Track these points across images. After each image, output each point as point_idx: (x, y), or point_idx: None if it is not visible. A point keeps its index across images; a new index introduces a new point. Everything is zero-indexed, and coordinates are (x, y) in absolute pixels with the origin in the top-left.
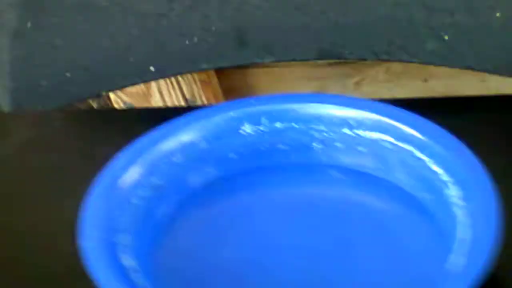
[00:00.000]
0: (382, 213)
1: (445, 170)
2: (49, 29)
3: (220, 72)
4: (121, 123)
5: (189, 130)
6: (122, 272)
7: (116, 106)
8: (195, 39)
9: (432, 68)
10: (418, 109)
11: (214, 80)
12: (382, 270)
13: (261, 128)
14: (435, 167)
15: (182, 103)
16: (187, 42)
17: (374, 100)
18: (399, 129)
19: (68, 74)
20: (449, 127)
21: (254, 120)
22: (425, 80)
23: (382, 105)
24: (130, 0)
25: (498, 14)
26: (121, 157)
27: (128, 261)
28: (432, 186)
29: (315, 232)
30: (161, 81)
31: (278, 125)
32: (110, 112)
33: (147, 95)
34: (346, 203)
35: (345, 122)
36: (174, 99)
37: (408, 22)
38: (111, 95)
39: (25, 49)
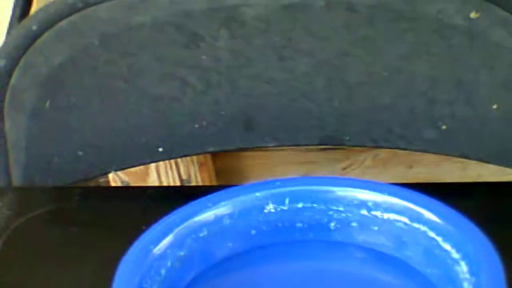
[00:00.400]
0: (389, 286)
1: (456, 249)
2: (66, 108)
3: (214, 154)
4: (139, 200)
5: (217, 208)
6: None
7: (113, 183)
8: (204, 123)
9: (417, 156)
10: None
11: (210, 162)
12: None
13: (284, 207)
14: (446, 246)
15: (178, 183)
16: (196, 125)
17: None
18: (414, 210)
19: (80, 153)
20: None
21: (278, 200)
22: (410, 167)
23: (398, 189)
24: (146, 83)
25: (494, 106)
26: (153, 230)
27: None
28: (443, 263)
29: None
30: (161, 162)
31: (299, 205)
32: (123, 190)
33: (145, 174)
34: (358, 278)
35: (363, 204)
36: (170, 179)
37: (408, 112)
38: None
39: (41, 127)
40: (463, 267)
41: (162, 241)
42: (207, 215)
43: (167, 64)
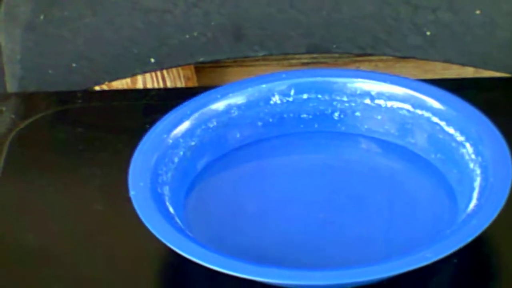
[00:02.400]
0: (394, 173)
1: (460, 131)
2: (59, 21)
3: (199, 69)
4: (141, 101)
5: (226, 99)
6: (170, 218)
7: None
8: (195, 34)
9: None
10: None
11: (195, 77)
12: (392, 222)
13: (289, 99)
14: (450, 130)
15: None
16: (187, 36)
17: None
18: (417, 97)
19: (73, 65)
20: None
21: (284, 91)
22: None
23: (401, 78)
24: None
25: (478, 11)
26: (165, 120)
27: (171, 209)
28: (447, 147)
29: (331, 190)
30: (147, 76)
31: (304, 96)
32: (126, 92)
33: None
34: (363, 167)
35: (367, 93)
36: None
37: (393, 19)
38: (97, 88)
39: (36, 40)
40: (468, 148)
41: (174, 130)
42: (216, 106)
43: None
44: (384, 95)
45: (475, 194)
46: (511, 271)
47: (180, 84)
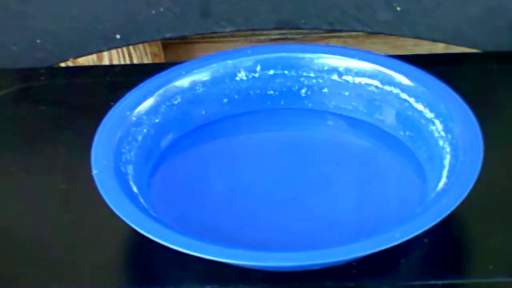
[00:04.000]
0: (363, 151)
1: (429, 108)
2: None
3: (166, 45)
4: (105, 77)
5: (191, 75)
6: (134, 197)
7: None
8: (161, 9)
9: None
10: None
11: (162, 53)
12: (361, 201)
13: (255, 75)
14: (419, 106)
15: None
16: (153, 11)
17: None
18: (385, 73)
19: (38, 41)
20: None
21: (250, 67)
22: None
23: (370, 54)
24: None
25: None
26: (128, 97)
27: (134, 188)
28: (416, 124)
29: (298, 168)
30: (113, 53)
31: (270, 72)
32: (89, 68)
33: None
34: (331, 144)
35: (334, 69)
36: None
37: None
38: (62, 65)
39: None
40: (437, 125)
41: (138, 107)
42: (181, 83)
43: None
44: (352, 71)
45: (444, 172)
46: (482, 250)
47: (147, 60)
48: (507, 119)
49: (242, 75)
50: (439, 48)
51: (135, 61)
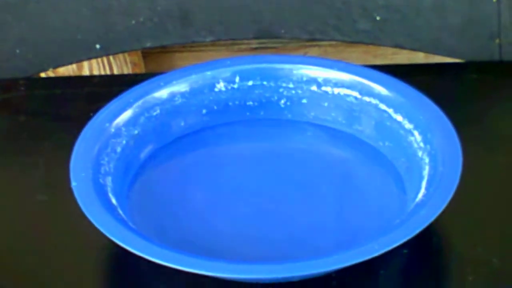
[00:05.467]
0: (342, 161)
1: (408, 119)
2: (3, 6)
3: (146, 55)
4: (85, 88)
5: (169, 86)
6: (113, 210)
7: None
8: (141, 19)
9: None
10: None
11: (142, 63)
12: (340, 212)
13: (234, 86)
14: (398, 117)
15: None
16: (133, 21)
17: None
18: (364, 84)
19: (17, 50)
20: None
21: (229, 78)
22: None
23: (349, 65)
24: None
25: None
26: (107, 109)
27: (113, 200)
28: (395, 135)
29: (278, 179)
30: (93, 62)
31: (249, 83)
32: (69, 79)
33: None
34: (309, 154)
35: (313, 80)
36: None
37: (342, 3)
38: (42, 75)
39: None
40: (416, 136)
41: (117, 118)
42: (160, 94)
43: None
44: (331, 82)
45: (423, 184)
46: (461, 261)
47: (127, 70)
48: (486, 129)
49: (221, 86)
50: (420, 57)
51: (115, 71)
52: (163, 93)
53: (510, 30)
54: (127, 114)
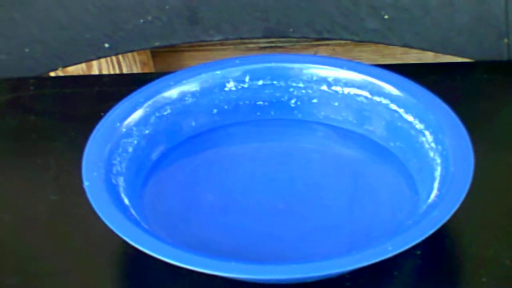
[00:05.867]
0: (353, 162)
1: (419, 119)
2: (11, 5)
3: (156, 54)
4: (95, 87)
5: (180, 86)
6: (125, 210)
7: None
8: (149, 18)
9: None
10: None
11: (151, 62)
12: (352, 212)
13: (244, 85)
14: (409, 117)
15: None
16: (141, 20)
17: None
18: (374, 84)
19: (26, 50)
20: None
21: (239, 77)
22: None
23: (359, 64)
24: None
25: None
26: (118, 108)
27: (125, 200)
28: (406, 135)
29: (289, 179)
30: (103, 62)
31: (259, 82)
32: (78, 78)
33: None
34: (319, 154)
35: (323, 80)
36: None
37: (350, 2)
38: (52, 74)
39: None
40: (427, 137)
41: (128, 118)
42: (170, 93)
43: None
44: (341, 82)
45: (436, 184)
46: (475, 262)
47: (136, 69)
48: (497, 128)
49: (231, 85)
50: (429, 56)
51: (124, 70)
52: (173, 93)
53: None
54: (138, 114)
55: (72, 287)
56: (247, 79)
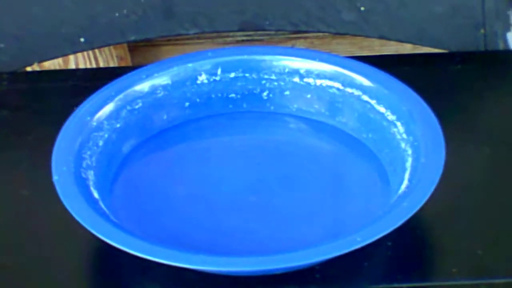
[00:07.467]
0: (326, 154)
1: (391, 110)
2: None
3: (132, 48)
4: (68, 81)
5: (151, 79)
6: (94, 203)
7: None
8: (124, 11)
9: None
10: None
11: (128, 57)
12: (324, 204)
13: (216, 78)
14: (381, 108)
15: None
16: (117, 14)
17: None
18: (346, 75)
19: (1, 45)
20: None
21: (211, 70)
22: None
23: (331, 56)
24: None
25: None
26: (89, 102)
27: (95, 193)
28: (378, 127)
29: (261, 171)
30: (79, 56)
31: (231, 75)
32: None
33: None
34: (292, 146)
35: (295, 72)
36: None
37: None
38: (28, 69)
39: None
40: (399, 128)
41: (98, 112)
42: (141, 87)
43: None
44: (313, 73)
45: (406, 175)
46: (445, 253)
47: (113, 64)
48: (469, 119)
49: (203, 78)
50: (407, 48)
51: (101, 65)
52: (144, 86)
53: (494, 20)
54: (108, 108)
55: (42, 281)
56: (219, 71)
